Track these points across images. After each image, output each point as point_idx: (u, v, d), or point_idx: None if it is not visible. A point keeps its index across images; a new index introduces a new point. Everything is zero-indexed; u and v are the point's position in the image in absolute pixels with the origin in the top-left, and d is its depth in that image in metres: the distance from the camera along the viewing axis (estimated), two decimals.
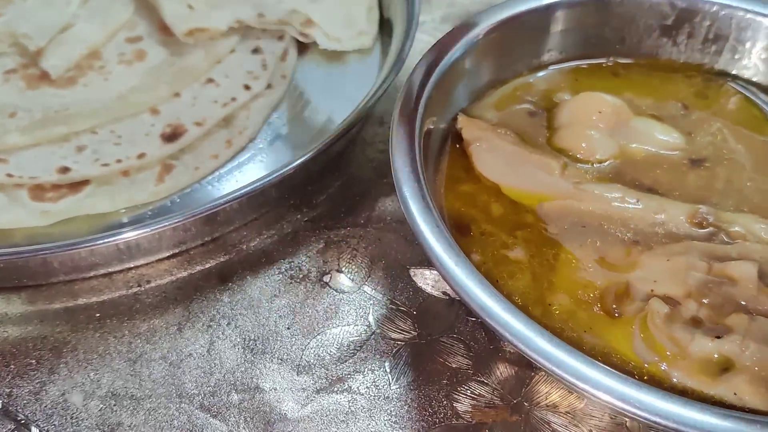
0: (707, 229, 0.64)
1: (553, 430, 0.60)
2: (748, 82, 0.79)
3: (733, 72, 0.79)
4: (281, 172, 0.68)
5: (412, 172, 0.58)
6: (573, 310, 0.59)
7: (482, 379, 0.62)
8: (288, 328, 0.65)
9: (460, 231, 0.64)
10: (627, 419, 0.59)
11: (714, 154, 0.72)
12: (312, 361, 0.63)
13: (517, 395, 0.61)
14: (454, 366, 0.63)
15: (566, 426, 0.60)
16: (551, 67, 0.80)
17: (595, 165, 0.70)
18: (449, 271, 0.53)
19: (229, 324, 0.65)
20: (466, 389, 0.62)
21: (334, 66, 0.91)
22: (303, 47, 0.92)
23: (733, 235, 0.64)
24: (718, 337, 0.56)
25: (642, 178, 0.70)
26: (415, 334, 0.64)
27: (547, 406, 0.61)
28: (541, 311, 0.59)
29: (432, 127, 0.68)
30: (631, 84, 0.79)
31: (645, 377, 0.55)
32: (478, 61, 0.73)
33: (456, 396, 0.61)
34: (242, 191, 0.67)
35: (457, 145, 0.71)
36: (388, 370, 0.62)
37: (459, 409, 0.60)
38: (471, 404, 0.61)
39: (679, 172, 0.70)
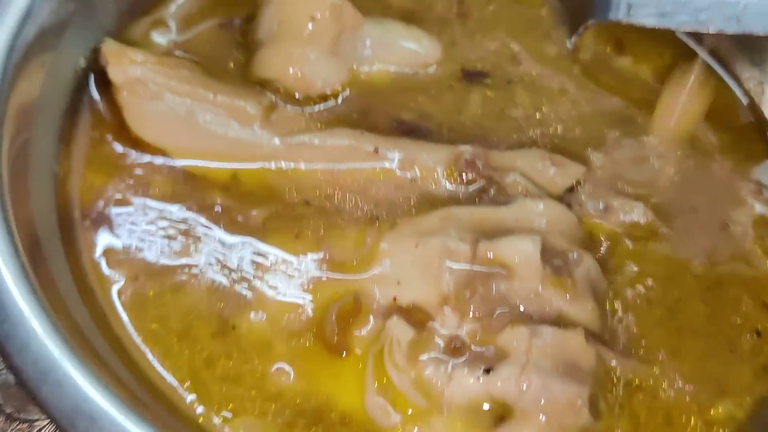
0: (476, 184, 0.45)
1: None
2: None
3: None
4: None
5: None
6: (268, 340, 0.38)
7: None
8: None
9: (97, 228, 0.42)
10: None
11: (495, 64, 0.52)
12: None
13: None
14: None
15: None
16: None
17: (316, 103, 0.48)
18: None
19: None
20: None
21: None
22: None
23: (510, 189, 0.45)
24: (488, 371, 0.37)
25: (394, 111, 0.49)
26: None
27: None
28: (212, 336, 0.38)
29: (48, 69, 0.43)
30: None
31: None
32: None
33: None
34: None
35: (105, 94, 0.45)
36: None
37: None
38: None
39: (447, 98, 0.50)
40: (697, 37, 0.56)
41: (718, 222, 0.48)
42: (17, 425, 0.43)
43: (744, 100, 0.54)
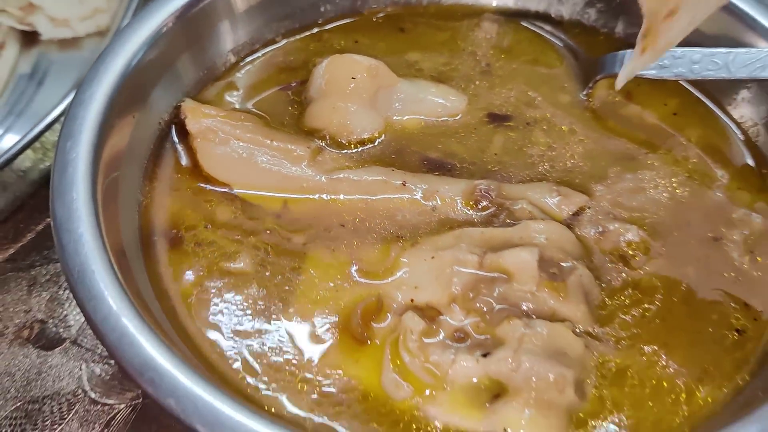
0: (489, 210, 0.53)
1: None
2: (541, 17, 0.68)
3: (525, 8, 0.68)
4: None
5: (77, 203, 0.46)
6: (300, 334, 0.47)
7: None
8: None
9: (170, 244, 0.52)
10: None
11: (516, 108, 0.61)
12: None
13: None
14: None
15: None
16: (318, 28, 0.67)
17: (357, 147, 0.58)
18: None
19: None
20: None
21: (69, 56, 0.76)
22: (30, 38, 0.76)
23: (518, 214, 0.53)
24: (486, 355, 0.44)
25: (424, 151, 0.59)
26: (139, 393, 0.52)
27: None
28: (259, 332, 0.48)
29: (137, 121, 0.55)
30: (418, 40, 0.67)
31: (400, 424, 0.44)
32: (205, 27, 0.61)
33: None
34: None
35: (183, 141, 0.57)
36: None
37: None
38: None
39: (472, 139, 0.60)
40: (698, 86, 0.63)
41: (709, 234, 0.54)
42: (99, 407, 0.53)
43: (741, 138, 0.60)
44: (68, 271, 0.43)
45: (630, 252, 0.53)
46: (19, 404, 0.52)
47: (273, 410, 0.44)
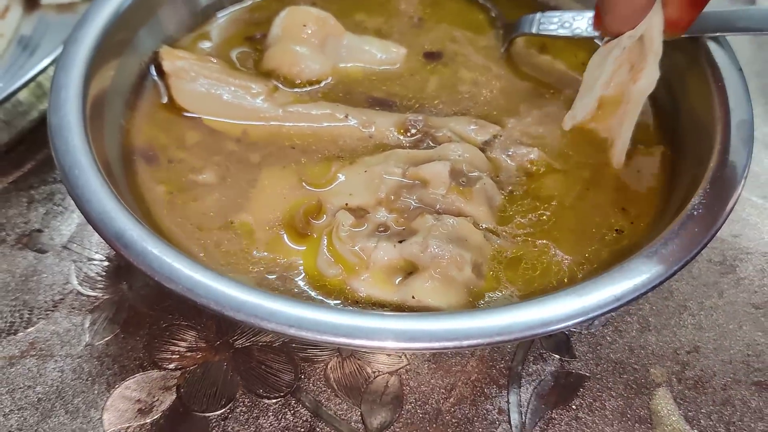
0: (415, 137, 0.63)
1: (258, 362, 0.57)
2: None
3: None
4: None
5: (70, 121, 0.55)
6: (253, 230, 0.57)
7: (188, 323, 0.60)
8: None
9: (147, 161, 0.62)
10: None
11: (445, 45, 0.71)
12: (3, 327, 0.60)
13: (223, 335, 0.59)
14: (154, 313, 0.60)
15: (274, 360, 0.58)
16: None
17: (306, 86, 0.68)
18: (77, 198, 0.51)
19: None
20: (169, 336, 0.59)
21: (67, 19, 0.85)
22: (32, 3, 0.86)
23: (440, 139, 0.63)
24: (402, 241, 0.54)
25: (368, 91, 0.68)
26: (119, 287, 0.61)
27: (252, 341, 0.60)
28: (218, 228, 0.57)
29: (122, 60, 0.65)
30: (362, 4, 0.77)
31: (331, 295, 0.53)
32: None
33: (156, 344, 0.59)
34: None
35: (160, 79, 0.67)
36: (86, 327, 0.59)
37: (157, 356, 0.58)
38: (172, 350, 0.58)
39: (412, 81, 0.70)
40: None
41: (598, 155, 0.64)
42: (84, 298, 0.63)
43: None
44: (60, 166, 0.53)
45: (533, 169, 0.62)
46: (18, 295, 0.62)
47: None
